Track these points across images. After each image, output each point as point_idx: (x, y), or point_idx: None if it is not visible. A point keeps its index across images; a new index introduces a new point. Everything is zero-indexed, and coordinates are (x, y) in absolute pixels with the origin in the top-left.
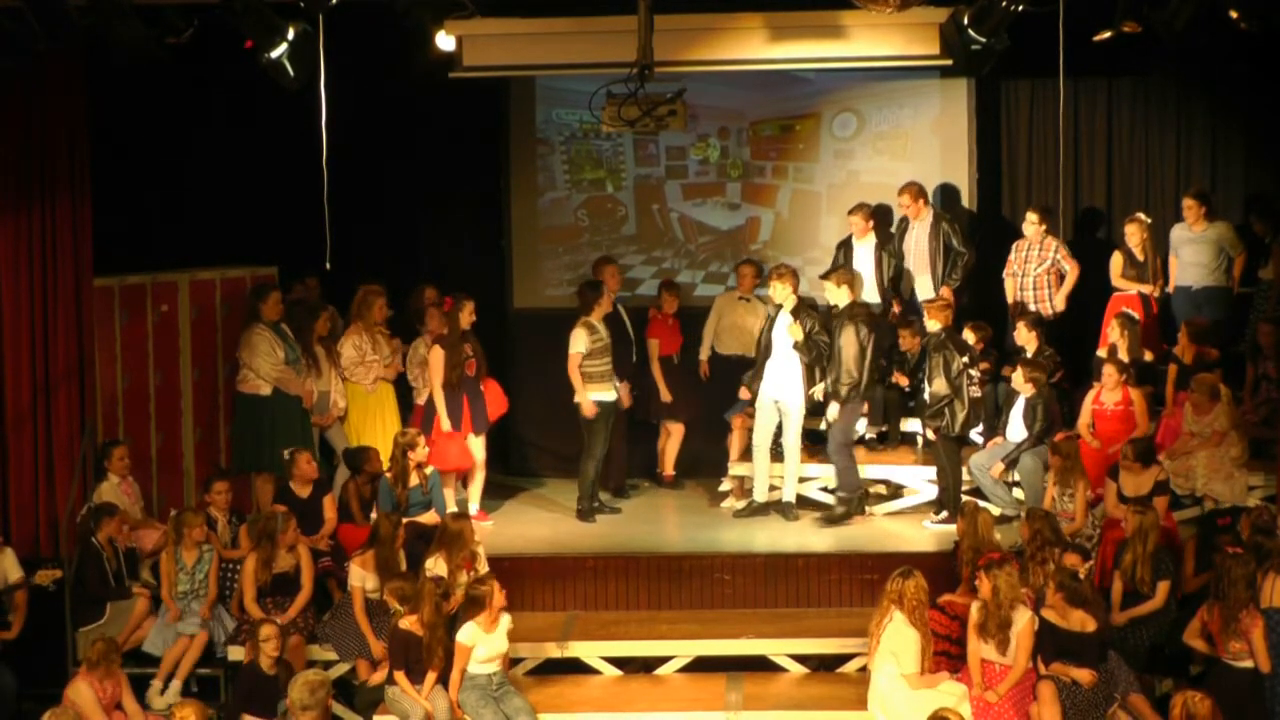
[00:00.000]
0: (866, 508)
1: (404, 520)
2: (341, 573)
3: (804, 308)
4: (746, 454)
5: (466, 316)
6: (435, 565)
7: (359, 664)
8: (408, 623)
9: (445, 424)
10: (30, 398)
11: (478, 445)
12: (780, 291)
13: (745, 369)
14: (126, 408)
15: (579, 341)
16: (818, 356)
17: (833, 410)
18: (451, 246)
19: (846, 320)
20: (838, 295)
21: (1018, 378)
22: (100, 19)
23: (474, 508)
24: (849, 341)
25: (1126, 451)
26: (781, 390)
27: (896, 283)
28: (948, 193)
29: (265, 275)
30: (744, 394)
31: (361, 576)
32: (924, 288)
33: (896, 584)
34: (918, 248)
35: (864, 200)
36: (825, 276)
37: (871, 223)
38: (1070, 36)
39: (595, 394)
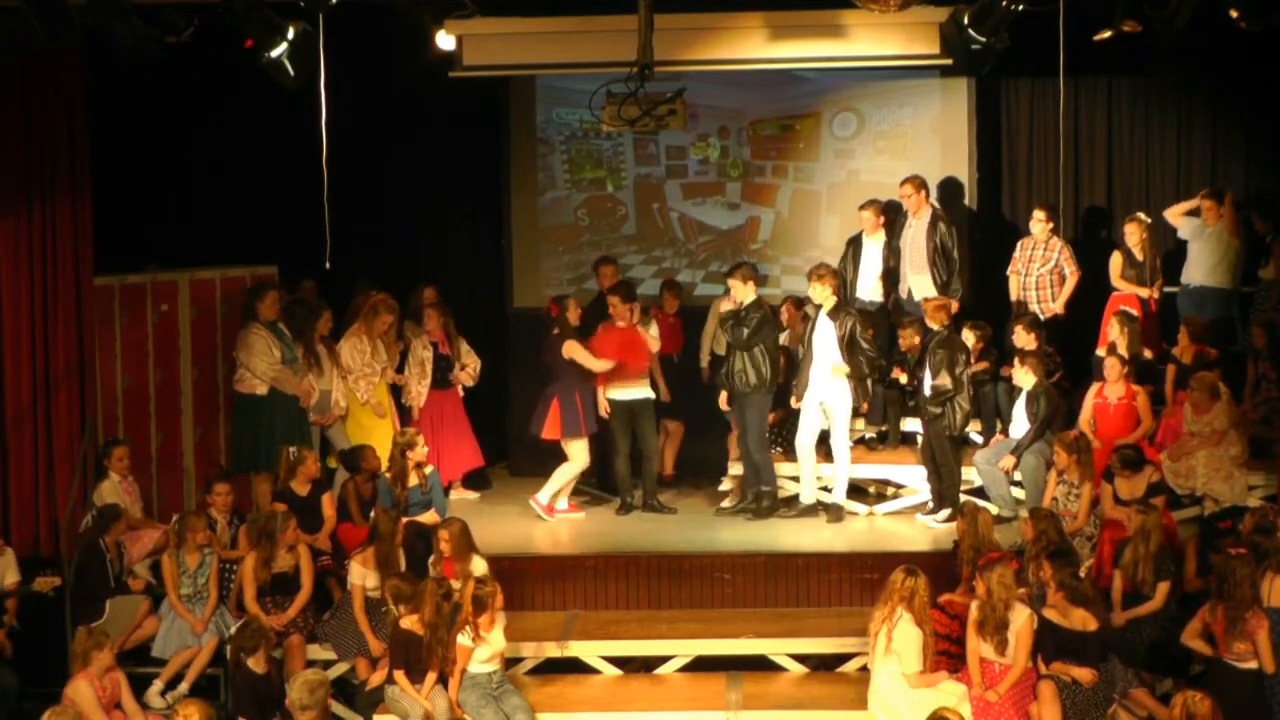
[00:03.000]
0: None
1: (404, 520)
2: (342, 571)
3: (843, 307)
4: None
5: (574, 314)
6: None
7: (358, 663)
8: (409, 622)
9: (601, 364)
10: (30, 398)
11: (577, 446)
12: (820, 293)
13: None
14: (126, 408)
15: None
16: (858, 357)
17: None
18: (451, 246)
19: (750, 316)
20: (744, 293)
21: (1018, 370)
22: (100, 19)
23: (564, 502)
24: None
25: (1114, 461)
26: (826, 392)
27: (894, 281)
28: (948, 192)
29: (265, 275)
30: (723, 402)
31: (362, 574)
32: (921, 286)
33: (908, 583)
34: (914, 245)
35: (873, 198)
36: (729, 275)
37: (883, 219)
38: (1070, 36)
39: (613, 393)
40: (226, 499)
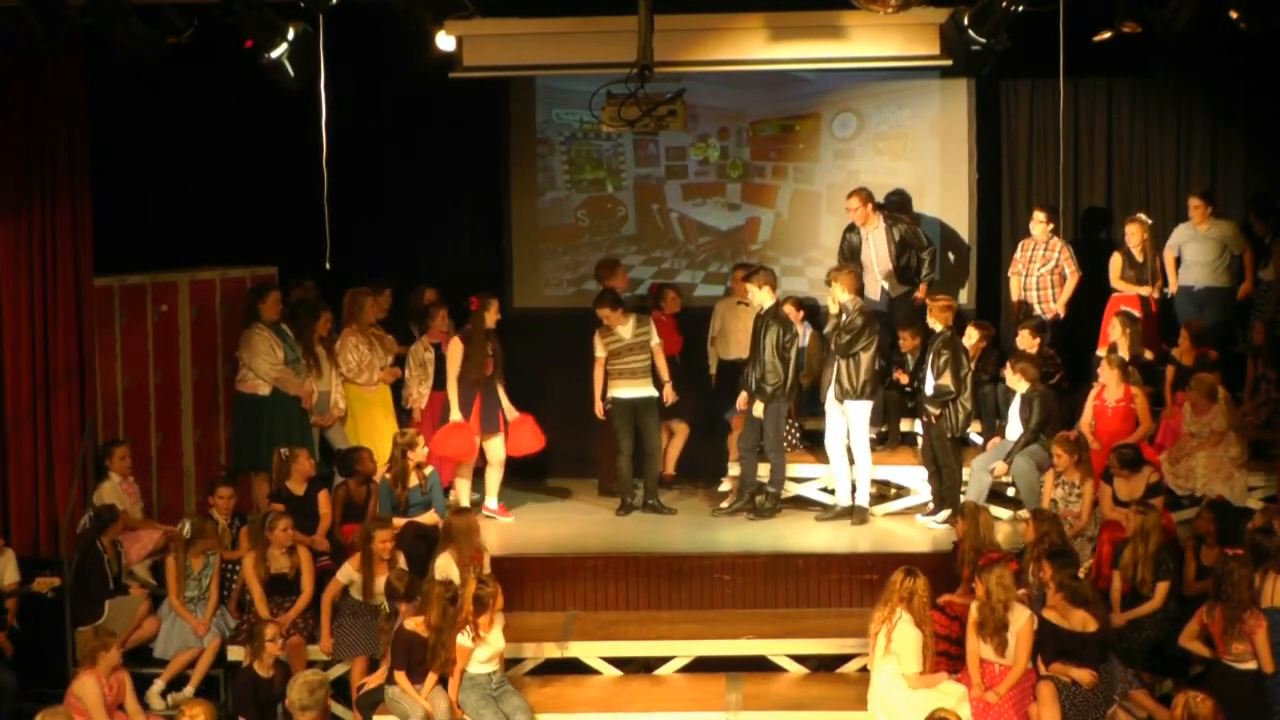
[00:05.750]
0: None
1: (404, 520)
2: None
3: (857, 309)
4: None
5: (492, 315)
6: (446, 566)
7: (356, 665)
8: (413, 624)
9: (455, 414)
10: (30, 398)
11: (496, 443)
12: (841, 294)
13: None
14: (126, 408)
15: (596, 346)
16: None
17: (758, 408)
18: (451, 246)
19: (770, 321)
20: (761, 296)
21: (1009, 374)
22: (100, 19)
23: (493, 502)
24: (770, 343)
25: (1113, 460)
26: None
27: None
28: (948, 192)
29: (265, 275)
30: (741, 403)
31: (348, 574)
32: (894, 288)
33: (907, 584)
34: (879, 255)
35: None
36: (748, 279)
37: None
38: (1070, 36)
39: (616, 390)
40: (229, 502)
